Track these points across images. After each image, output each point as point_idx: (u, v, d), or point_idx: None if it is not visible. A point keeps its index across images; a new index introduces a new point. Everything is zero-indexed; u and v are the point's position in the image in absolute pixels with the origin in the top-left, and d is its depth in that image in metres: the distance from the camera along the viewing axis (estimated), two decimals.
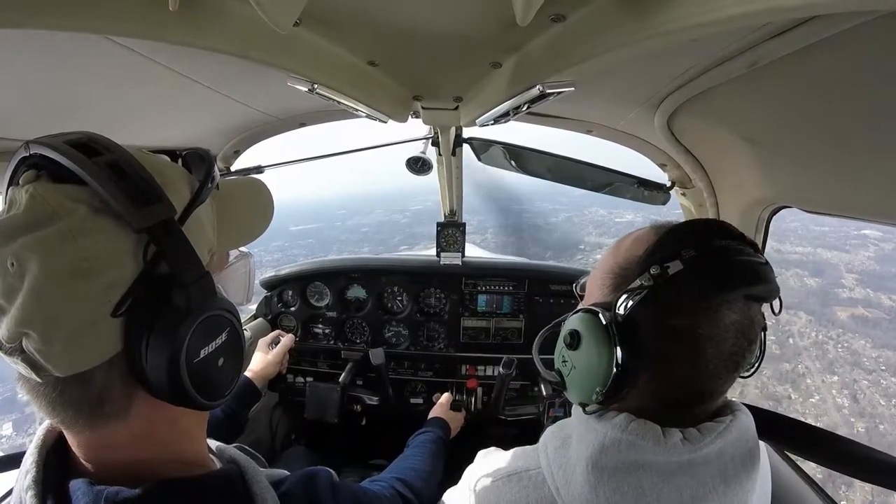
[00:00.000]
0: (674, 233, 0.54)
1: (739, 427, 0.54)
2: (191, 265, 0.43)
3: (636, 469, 0.52)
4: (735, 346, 0.51)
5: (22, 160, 0.41)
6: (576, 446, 0.57)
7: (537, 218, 41.75)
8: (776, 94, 0.74)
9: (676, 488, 0.52)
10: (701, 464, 0.52)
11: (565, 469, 0.56)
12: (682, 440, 0.52)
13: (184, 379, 0.41)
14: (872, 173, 0.72)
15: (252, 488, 0.49)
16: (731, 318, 0.50)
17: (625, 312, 0.51)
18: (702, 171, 1.21)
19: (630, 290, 0.52)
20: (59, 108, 0.85)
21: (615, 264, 0.57)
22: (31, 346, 0.37)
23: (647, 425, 0.52)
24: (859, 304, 24.30)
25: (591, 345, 0.54)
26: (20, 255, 0.37)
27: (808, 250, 28.05)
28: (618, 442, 0.52)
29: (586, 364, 0.54)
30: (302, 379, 1.80)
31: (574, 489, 0.54)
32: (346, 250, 32.58)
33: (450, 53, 0.84)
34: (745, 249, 0.51)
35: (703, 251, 0.50)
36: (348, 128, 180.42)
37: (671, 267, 0.50)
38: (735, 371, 0.52)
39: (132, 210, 0.39)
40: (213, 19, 0.63)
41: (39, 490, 0.42)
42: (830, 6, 0.39)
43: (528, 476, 0.60)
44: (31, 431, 2.22)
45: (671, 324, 0.50)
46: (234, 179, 0.61)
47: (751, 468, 0.54)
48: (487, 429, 1.69)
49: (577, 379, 0.57)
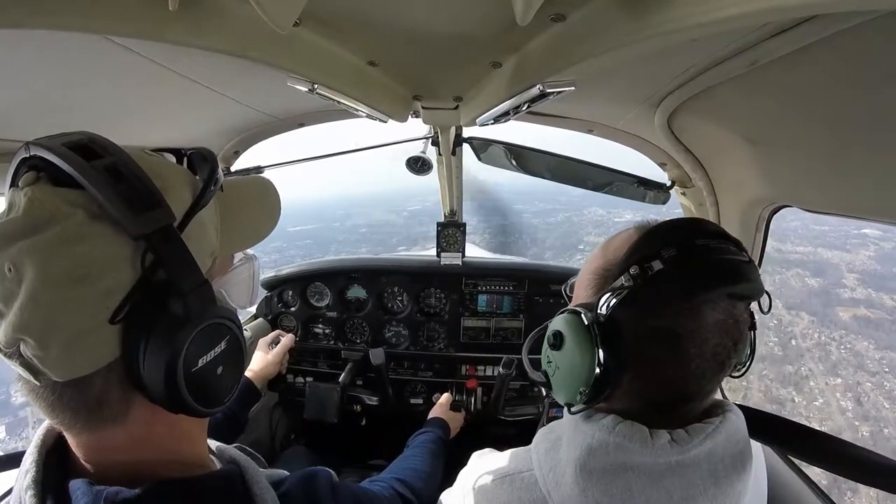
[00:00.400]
0: (655, 233, 0.53)
1: (729, 428, 0.54)
2: (189, 273, 0.43)
3: (624, 471, 0.51)
4: (719, 345, 0.50)
5: (22, 161, 0.41)
6: (565, 448, 0.57)
7: (534, 218, 41.47)
8: (776, 94, 0.74)
9: (665, 490, 0.51)
10: (690, 465, 0.51)
11: (556, 471, 0.56)
12: (669, 441, 0.51)
13: (181, 387, 0.41)
14: (872, 172, 0.72)
15: (252, 489, 0.49)
16: (714, 317, 0.49)
17: (606, 313, 0.51)
18: (702, 170, 1.21)
19: (611, 289, 0.51)
20: (59, 108, 0.85)
21: (600, 266, 0.57)
22: (28, 351, 0.37)
23: (634, 426, 0.52)
24: (861, 304, 24.07)
25: (573, 345, 0.54)
26: (17, 261, 0.36)
27: (808, 250, 27.84)
28: (605, 444, 0.52)
29: (570, 364, 0.54)
30: (302, 379, 1.80)
31: (564, 491, 0.54)
32: (343, 251, 32.24)
33: (450, 53, 0.84)
34: (727, 248, 0.51)
35: (683, 250, 0.49)
36: (348, 128, 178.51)
37: (651, 266, 0.49)
38: (721, 371, 0.52)
39: (130, 217, 0.39)
40: (213, 19, 0.63)
41: (39, 490, 0.42)
42: (830, 6, 0.39)
43: (520, 478, 0.60)
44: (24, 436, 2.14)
45: (652, 324, 0.50)
46: (239, 179, 0.60)
47: (742, 470, 0.54)
48: (487, 429, 1.69)
49: (561, 379, 0.57)
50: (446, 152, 1.62)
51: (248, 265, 0.58)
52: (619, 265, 0.53)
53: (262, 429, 1.78)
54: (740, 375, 0.58)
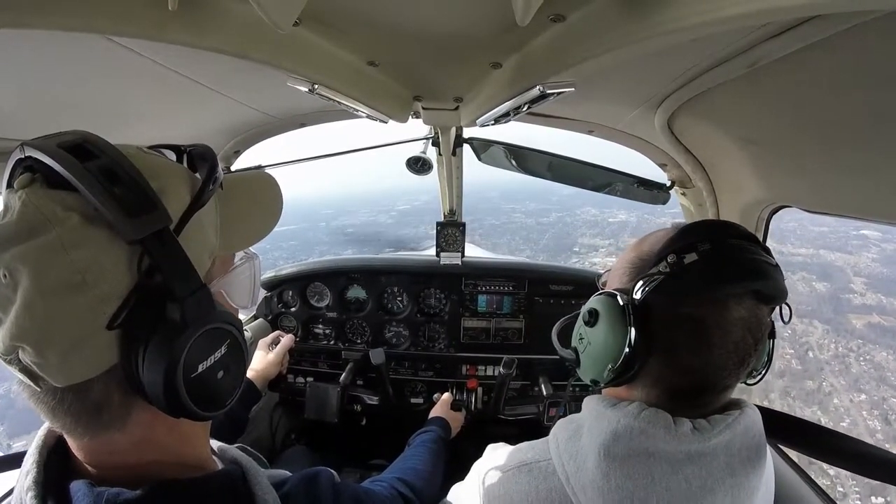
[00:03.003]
0: (691, 229, 0.58)
1: (747, 421, 0.57)
2: (187, 277, 0.42)
3: (647, 457, 0.54)
4: (741, 341, 0.53)
5: (18, 162, 0.40)
6: (587, 435, 0.59)
7: (526, 218, 40.78)
8: (776, 95, 0.74)
9: (685, 478, 0.53)
10: (709, 455, 0.54)
11: (576, 458, 0.57)
12: (692, 429, 0.54)
13: (181, 393, 0.41)
14: (872, 173, 0.72)
15: (253, 489, 0.49)
16: (739, 312, 0.53)
17: (641, 297, 0.55)
18: (702, 170, 1.22)
19: (647, 275, 0.55)
20: (59, 108, 0.85)
21: (635, 256, 0.61)
22: (27, 358, 0.37)
23: (658, 413, 0.55)
24: (874, 310, 23.39)
25: (607, 323, 0.58)
26: (12, 267, 0.36)
27: (810, 252, 27.34)
28: (630, 429, 0.54)
29: (602, 341, 0.58)
30: (302, 379, 1.81)
31: (585, 477, 0.55)
32: (329, 252, 31.48)
33: (450, 54, 0.84)
34: (756, 249, 0.55)
35: (717, 246, 0.54)
36: (348, 128, 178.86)
37: (686, 258, 0.53)
38: (740, 367, 0.55)
39: (124, 220, 0.38)
40: (213, 19, 0.63)
41: (40, 491, 0.42)
42: (830, 6, 0.39)
43: (538, 467, 0.61)
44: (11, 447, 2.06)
45: (681, 310, 0.54)
46: (239, 175, 0.57)
47: (757, 464, 0.56)
48: (488, 428, 1.69)
49: (591, 355, 0.61)
50: (446, 152, 1.62)
51: (249, 264, 0.57)
52: (657, 255, 0.57)
53: (263, 429, 1.78)
54: (755, 382, 0.61)
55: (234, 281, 0.54)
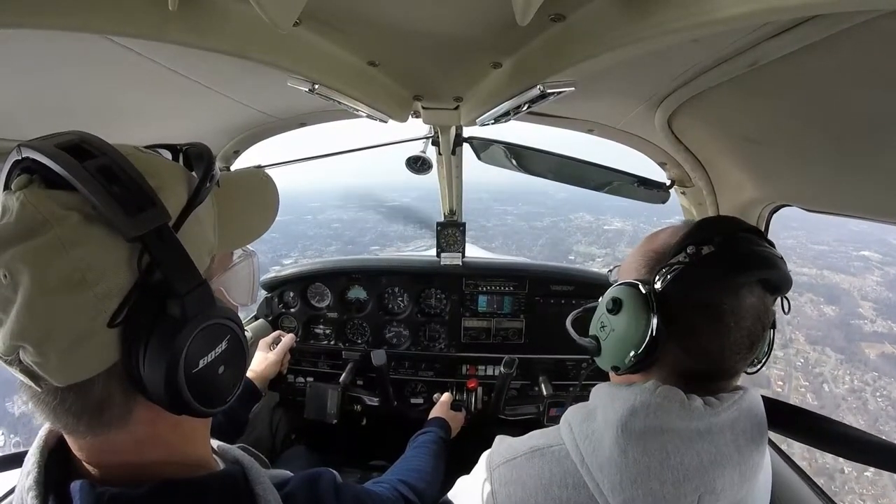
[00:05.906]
0: (706, 223, 0.63)
1: (751, 400, 0.62)
2: (187, 274, 0.42)
3: (661, 433, 0.57)
4: (752, 327, 0.58)
5: (15, 163, 0.40)
6: (603, 415, 0.61)
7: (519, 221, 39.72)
8: (776, 94, 0.74)
9: (696, 453, 0.57)
10: (717, 432, 0.58)
11: (591, 438, 0.60)
12: (703, 405, 0.58)
13: (182, 389, 0.41)
14: (872, 172, 0.72)
15: (255, 489, 0.49)
16: (750, 300, 0.57)
17: (661, 286, 0.59)
18: (701, 169, 1.22)
19: (668, 265, 0.59)
20: (59, 108, 0.85)
21: (650, 250, 0.65)
22: (27, 358, 0.37)
23: (672, 390, 0.58)
24: (886, 339, 21.96)
25: (630, 310, 0.60)
26: (12, 267, 0.36)
27: (814, 272, 26.61)
28: (647, 404, 0.58)
29: (625, 328, 0.61)
30: (302, 379, 1.80)
31: (602, 455, 0.58)
32: (311, 248, 28.64)
33: (450, 53, 0.84)
34: (763, 242, 0.60)
35: (730, 238, 0.59)
36: (349, 127, 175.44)
37: (704, 249, 0.58)
38: (750, 352, 0.59)
39: (123, 218, 0.38)
40: (213, 19, 0.63)
41: (41, 491, 0.42)
42: (830, 6, 0.39)
43: (550, 452, 0.63)
44: None
45: (701, 297, 0.58)
46: (235, 173, 0.59)
47: (760, 441, 0.61)
48: (488, 429, 1.69)
49: (614, 342, 0.63)
50: (446, 152, 1.61)
51: (248, 262, 0.57)
52: (675, 247, 0.61)
53: (263, 429, 1.78)
54: (755, 371, 0.64)
55: (234, 278, 0.54)
